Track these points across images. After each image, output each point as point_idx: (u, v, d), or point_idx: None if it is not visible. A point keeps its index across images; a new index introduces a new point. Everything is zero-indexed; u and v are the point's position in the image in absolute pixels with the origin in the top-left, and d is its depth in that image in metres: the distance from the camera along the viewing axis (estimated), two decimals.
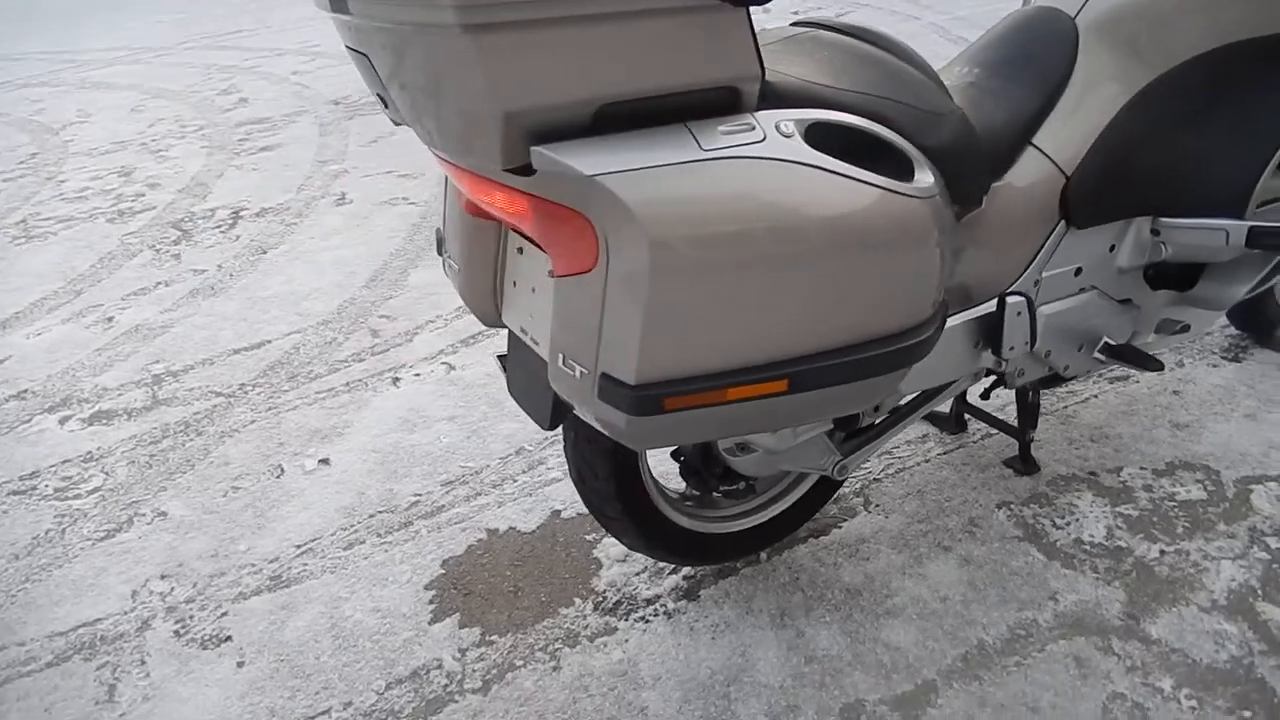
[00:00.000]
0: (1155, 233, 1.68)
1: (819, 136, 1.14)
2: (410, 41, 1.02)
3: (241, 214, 4.01)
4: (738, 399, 1.12)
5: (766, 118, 1.12)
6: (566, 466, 1.59)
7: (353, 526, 2.01)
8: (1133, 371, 2.22)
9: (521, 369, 1.49)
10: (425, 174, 4.30)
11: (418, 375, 2.60)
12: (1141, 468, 1.95)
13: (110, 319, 3.12)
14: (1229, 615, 1.58)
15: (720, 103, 1.11)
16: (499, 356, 1.65)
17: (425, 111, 1.11)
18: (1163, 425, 2.07)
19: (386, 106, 1.20)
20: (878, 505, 1.91)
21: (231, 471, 2.24)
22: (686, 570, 1.79)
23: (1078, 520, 1.82)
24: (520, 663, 1.63)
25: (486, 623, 1.72)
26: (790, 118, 1.14)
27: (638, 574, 1.80)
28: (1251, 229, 1.59)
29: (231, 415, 2.47)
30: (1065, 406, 2.16)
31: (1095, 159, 1.58)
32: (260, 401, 2.52)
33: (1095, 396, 2.20)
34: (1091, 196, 1.59)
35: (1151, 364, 1.68)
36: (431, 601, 1.79)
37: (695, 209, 1.06)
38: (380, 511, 2.05)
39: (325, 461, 2.24)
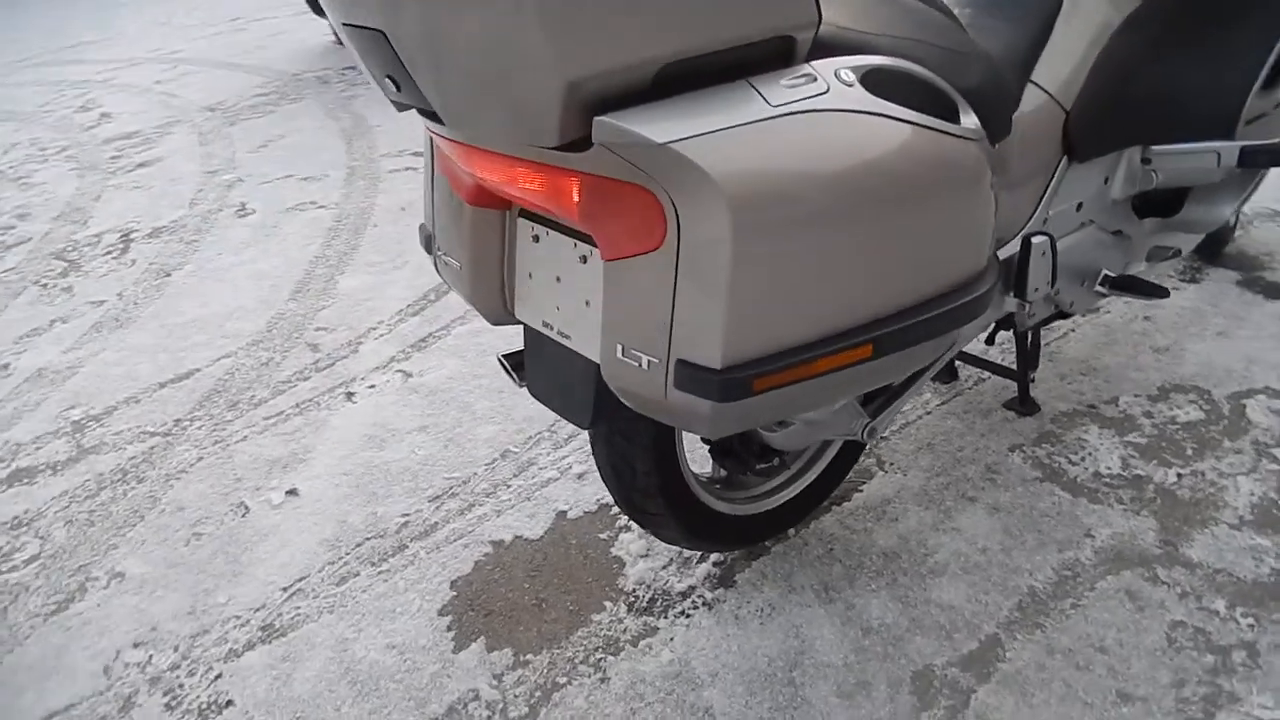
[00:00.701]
0: (1146, 161, 1.68)
1: (874, 83, 1.07)
2: (454, 7, 0.89)
3: (132, 236, 3.69)
4: (826, 370, 1.05)
5: (824, 67, 1.05)
6: (596, 465, 1.48)
7: (341, 559, 1.85)
8: (1135, 300, 2.24)
9: (546, 367, 1.37)
10: (329, 176, 4.05)
11: (373, 387, 2.43)
12: (1136, 395, 1.97)
13: (5, 366, 2.81)
14: (1259, 529, 1.61)
15: (775, 55, 1.02)
16: (503, 357, 1.52)
17: (458, 89, 0.99)
18: (1144, 351, 2.11)
19: (399, 89, 1.06)
20: (892, 464, 1.87)
21: (188, 517, 2.03)
22: (715, 557, 1.71)
23: (1091, 454, 1.82)
24: (564, 680, 1.52)
25: (516, 642, 1.61)
26: (845, 66, 1.06)
27: (664, 567, 1.71)
28: (1243, 149, 1.60)
29: (173, 455, 2.25)
30: (1047, 344, 2.17)
31: (1091, 90, 1.56)
32: (203, 436, 2.31)
33: (1073, 330, 2.22)
34: (1091, 129, 1.57)
35: (1158, 291, 1.68)
36: (450, 628, 1.65)
37: (774, 169, 0.97)
38: (368, 538, 1.89)
39: (293, 492, 2.06)
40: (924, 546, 1.67)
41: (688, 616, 1.61)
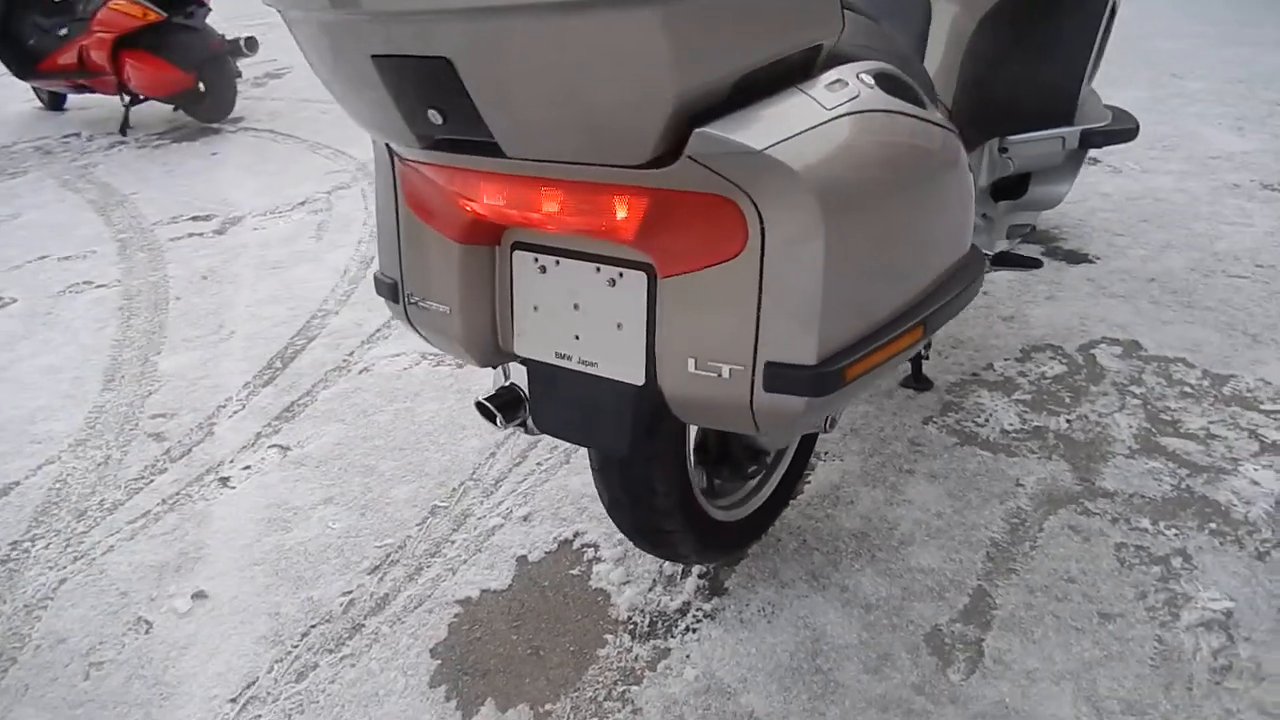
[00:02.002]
0: (1003, 150, 1.92)
1: (885, 85, 1.16)
2: (566, 29, 0.86)
3: None
4: (895, 352, 1.11)
5: (846, 73, 1.11)
6: (606, 496, 1.45)
7: (290, 653, 1.66)
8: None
9: (563, 399, 1.33)
10: (95, 251, 3.62)
11: (248, 468, 2.20)
12: (1005, 359, 2.22)
13: None
14: (1148, 454, 1.87)
15: (805, 63, 1.08)
16: (484, 400, 1.44)
17: (542, 112, 0.95)
18: (996, 321, 2.38)
19: (445, 120, 1.00)
20: (827, 453, 1.98)
21: (76, 647, 1.74)
22: (697, 570, 1.72)
23: (991, 415, 2.03)
24: None
25: (527, 695, 1.53)
26: (859, 71, 1.14)
27: (650, 589, 1.70)
28: (1083, 132, 1.87)
29: (24, 583, 1.91)
30: None
31: (961, 91, 1.76)
32: (55, 555, 1.98)
33: None
34: (969, 125, 1.77)
35: (1033, 263, 1.92)
36: (448, 697, 1.54)
37: (843, 165, 1.03)
38: (314, 625, 1.72)
39: (200, 595, 1.82)
40: (886, 521, 1.78)
41: (694, 631, 1.60)
